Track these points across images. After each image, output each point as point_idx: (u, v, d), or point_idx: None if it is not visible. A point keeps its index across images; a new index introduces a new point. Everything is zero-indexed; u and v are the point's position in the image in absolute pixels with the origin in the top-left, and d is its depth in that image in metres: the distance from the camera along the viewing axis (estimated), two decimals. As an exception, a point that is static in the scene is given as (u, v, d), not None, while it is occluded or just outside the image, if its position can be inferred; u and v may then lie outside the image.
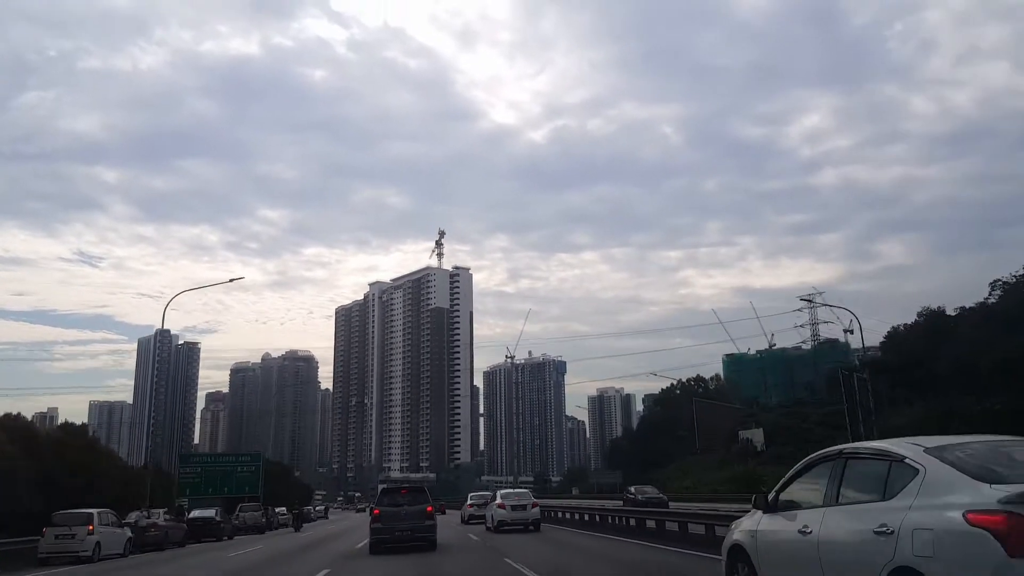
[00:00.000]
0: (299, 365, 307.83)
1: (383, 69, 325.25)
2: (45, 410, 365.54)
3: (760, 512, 7.08)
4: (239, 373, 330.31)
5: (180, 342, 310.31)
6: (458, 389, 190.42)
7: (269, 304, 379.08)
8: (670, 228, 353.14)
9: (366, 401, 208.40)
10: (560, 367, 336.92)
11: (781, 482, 6.99)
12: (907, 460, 5.26)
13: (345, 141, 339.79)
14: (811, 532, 5.91)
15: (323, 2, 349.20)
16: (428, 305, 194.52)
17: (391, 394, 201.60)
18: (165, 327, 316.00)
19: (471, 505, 36.45)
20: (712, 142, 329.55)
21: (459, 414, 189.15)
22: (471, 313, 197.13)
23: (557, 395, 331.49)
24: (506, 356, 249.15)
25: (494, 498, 28.90)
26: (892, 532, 4.91)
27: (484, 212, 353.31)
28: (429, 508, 18.85)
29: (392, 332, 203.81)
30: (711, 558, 12.09)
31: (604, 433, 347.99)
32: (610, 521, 25.90)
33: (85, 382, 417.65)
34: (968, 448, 5.23)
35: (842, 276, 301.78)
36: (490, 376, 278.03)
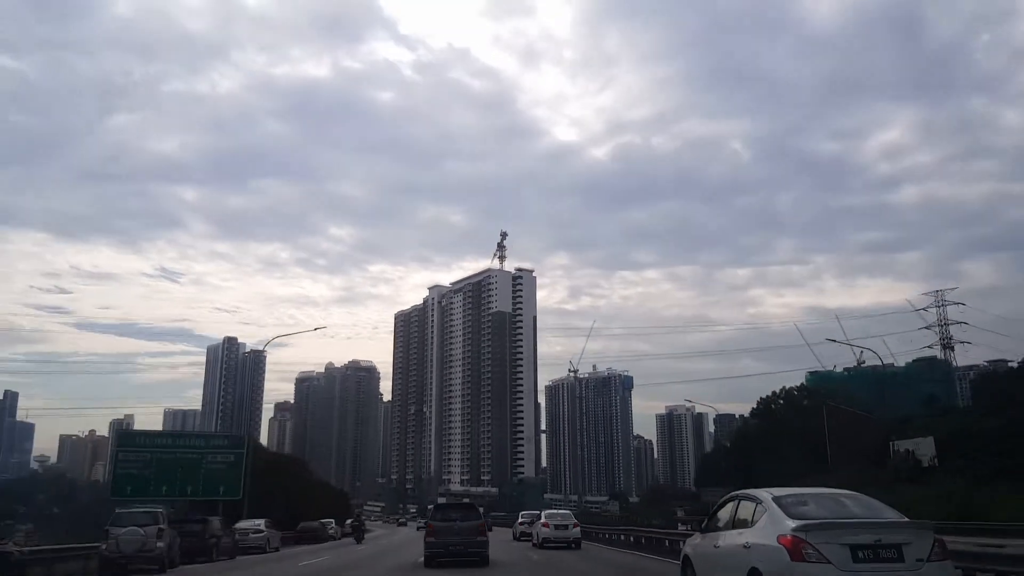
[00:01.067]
0: (361, 375, 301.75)
1: (447, 90, 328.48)
2: (122, 416, 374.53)
3: (699, 533, 10.42)
4: (304, 382, 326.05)
5: (247, 350, 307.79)
6: (521, 398, 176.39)
7: (336, 319, 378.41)
8: (739, 246, 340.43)
9: (425, 410, 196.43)
10: (627, 382, 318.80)
11: (710, 513, 10.25)
12: (762, 503, 8.36)
13: (410, 161, 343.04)
14: (718, 547, 9.03)
15: (391, 25, 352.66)
16: (489, 309, 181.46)
17: (450, 402, 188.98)
18: (231, 335, 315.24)
19: (521, 523, 38.42)
20: (784, 158, 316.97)
21: (522, 425, 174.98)
22: (534, 318, 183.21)
23: (623, 411, 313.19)
24: (569, 370, 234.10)
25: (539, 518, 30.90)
26: (749, 547, 7.98)
27: (545, 229, 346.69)
28: (481, 525, 19.18)
29: (452, 338, 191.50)
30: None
31: (674, 453, 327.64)
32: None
33: (166, 392, 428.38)
34: (797, 496, 8.39)
35: (923, 297, 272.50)
36: (552, 391, 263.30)
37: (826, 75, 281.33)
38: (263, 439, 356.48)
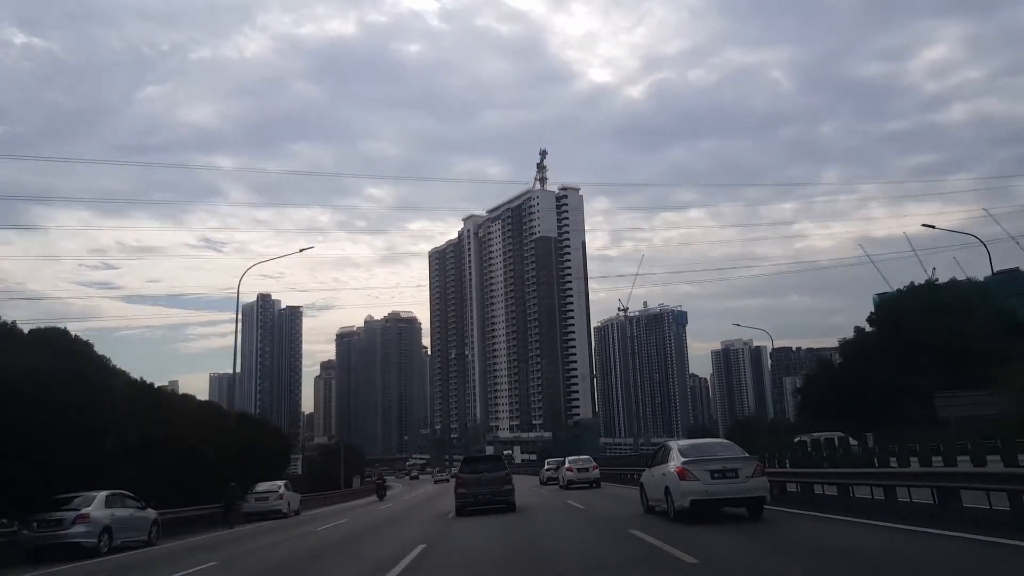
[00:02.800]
0: (402, 327, 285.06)
1: (476, 38, 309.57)
2: (167, 383, 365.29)
3: (647, 468, 15.67)
4: (344, 338, 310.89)
5: (283, 307, 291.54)
6: (572, 332, 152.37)
7: (380, 280, 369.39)
8: (783, 179, 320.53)
9: (467, 353, 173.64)
10: (680, 318, 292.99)
11: (652, 455, 16.72)
12: (672, 450, 13.72)
13: (442, 114, 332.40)
14: (653, 475, 14.42)
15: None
16: (532, 235, 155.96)
17: (494, 343, 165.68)
18: (265, 292, 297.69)
19: (547, 469, 42.94)
20: (827, 84, 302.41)
21: (575, 361, 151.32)
22: (583, 242, 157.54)
23: (678, 348, 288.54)
24: (618, 309, 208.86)
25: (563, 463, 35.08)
26: (665, 475, 13.17)
27: (583, 175, 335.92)
28: (507, 475, 19.78)
29: (492, 271, 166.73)
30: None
31: (731, 390, 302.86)
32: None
33: (217, 360, 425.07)
34: (689, 445, 13.81)
35: (975, 219, 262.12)
36: (601, 332, 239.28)
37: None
38: (307, 399, 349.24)
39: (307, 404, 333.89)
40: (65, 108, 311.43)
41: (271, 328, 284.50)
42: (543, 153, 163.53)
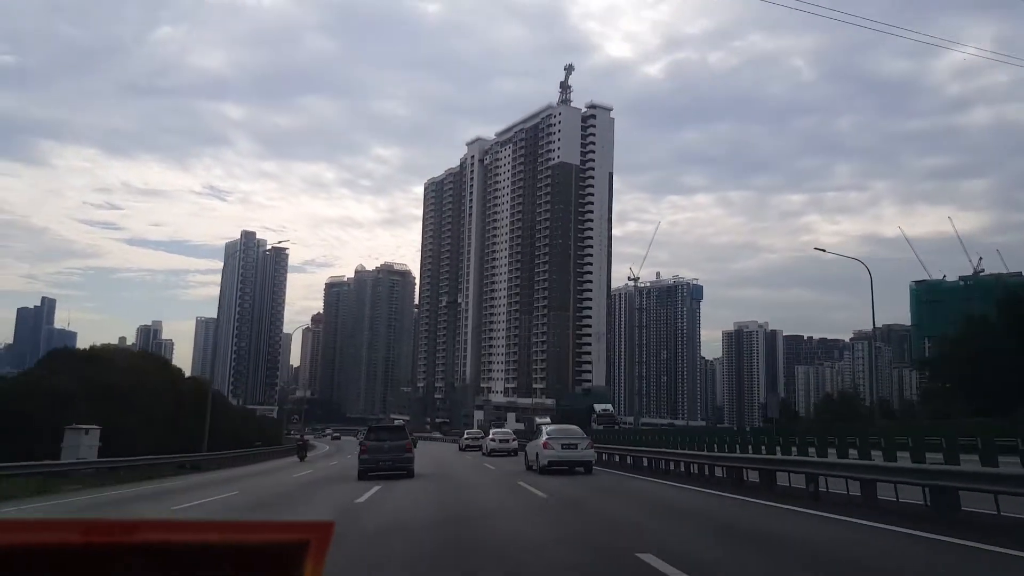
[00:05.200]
0: (394, 280, 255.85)
1: (495, 2, 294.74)
2: (149, 323, 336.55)
3: (528, 442, 23.76)
4: (333, 288, 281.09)
5: (267, 248, 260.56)
6: (589, 283, 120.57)
7: (381, 242, 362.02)
8: (795, 170, 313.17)
9: (460, 301, 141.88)
10: (695, 292, 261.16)
11: (533, 430, 32.55)
12: (543, 429, 22.99)
13: (455, 78, 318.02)
14: (531, 445, 22.20)
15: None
16: (548, 160, 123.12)
17: (493, 290, 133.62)
18: (250, 230, 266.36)
19: (465, 438, 44.23)
20: (849, 77, 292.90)
21: (588, 318, 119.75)
22: (610, 174, 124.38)
23: (691, 324, 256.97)
24: (628, 278, 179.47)
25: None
26: (537, 445, 20.86)
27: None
28: (408, 444, 20.17)
29: (496, 205, 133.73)
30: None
31: (742, 376, 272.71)
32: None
33: (209, 305, 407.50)
34: (555, 427, 23.44)
35: (988, 225, 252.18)
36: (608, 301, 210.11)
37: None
38: (293, 351, 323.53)
39: (295, 357, 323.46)
40: (77, 42, 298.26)
41: (253, 269, 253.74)
42: (569, 69, 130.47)
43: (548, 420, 56.68)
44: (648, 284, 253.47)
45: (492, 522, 9.76)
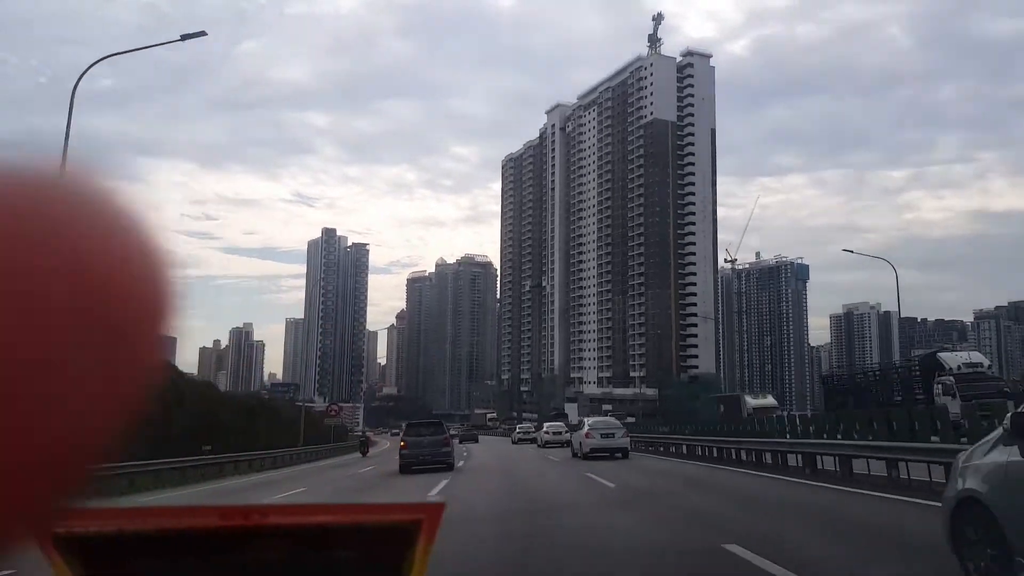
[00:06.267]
0: (475, 272, 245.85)
1: None
2: (240, 325, 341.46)
3: (573, 432, 26.59)
4: (415, 283, 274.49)
5: (348, 244, 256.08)
6: (692, 257, 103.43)
7: (464, 240, 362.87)
8: (894, 145, 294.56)
9: (545, 284, 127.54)
10: (801, 272, 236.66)
11: (575, 425, 28.21)
12: (584, 422, 25.54)
13: (533, 72, 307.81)
14: (575, 435, 24.88)
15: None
16: (640, 119, 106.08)
17: (581, 271, 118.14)
18: (331, 227, 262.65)
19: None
20: (949, 42, 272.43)
21: (693, 295, 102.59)
22: (712, 131, 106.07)
23: (797, 306, 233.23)
24: (725, 260, 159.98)
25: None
26: (580, 435, 23.49)
27: None
28: (446, 438, 20.53)
29: (582, 175, 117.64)
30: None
31: (852, 358, 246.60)
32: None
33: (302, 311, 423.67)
34: (595, 419, 26.92)
35: None
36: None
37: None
38: (380, 349, 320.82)
39: (382, 356, 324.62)
40: (169, 62, 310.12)
41: (336, 267, 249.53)
42: (658, 19, 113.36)
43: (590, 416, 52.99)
44: (747, 266, 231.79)
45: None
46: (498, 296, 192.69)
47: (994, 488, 4.06)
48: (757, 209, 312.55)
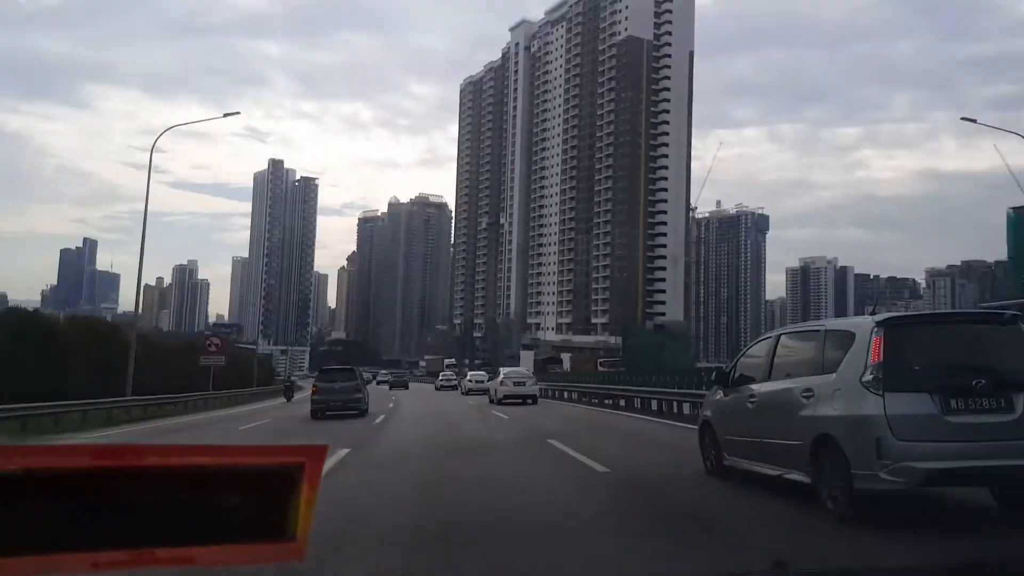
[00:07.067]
0: (430, 212, 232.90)
1: None
2: (184, 263, 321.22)
3: (489, 381, 30.58)
4: (367, 223, 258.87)
5: (297, 178, 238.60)
6: (664, 193, 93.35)
7: (421, 184, 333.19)
8: (849, 100, 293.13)
9: (503, 221, 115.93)
10: (761, 223, 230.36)
11: (498, 373, 29.00)
12: (501, 371, 27.79)
13: (495, 9, 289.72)
14: (492, 383, 28.07)
15: None
16: (613, 36, 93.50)
17: (542, 205, 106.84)
18: (278, 158, 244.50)
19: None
20: None
21: (663, 235, 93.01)
22: (691, 54, 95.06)
23: (755, 260, 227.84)
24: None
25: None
26: (495, 382, 27.10)
27: None
28: (356, 385, 20.26)
29: (546, 100, 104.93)
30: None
31: (809, 313, 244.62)
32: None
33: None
34: (509, 369, 28.70)
35: None
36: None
37: None
38: (331, 293, 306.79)
39: (333, 300, 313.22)
40: None
41: (283, 201, 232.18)
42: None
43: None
44: (707, 214, 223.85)
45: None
46: (452, 239, 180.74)
47: (714, 413, 7.23)
48: (714, 162, 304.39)
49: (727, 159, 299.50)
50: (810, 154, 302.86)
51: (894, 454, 4.50)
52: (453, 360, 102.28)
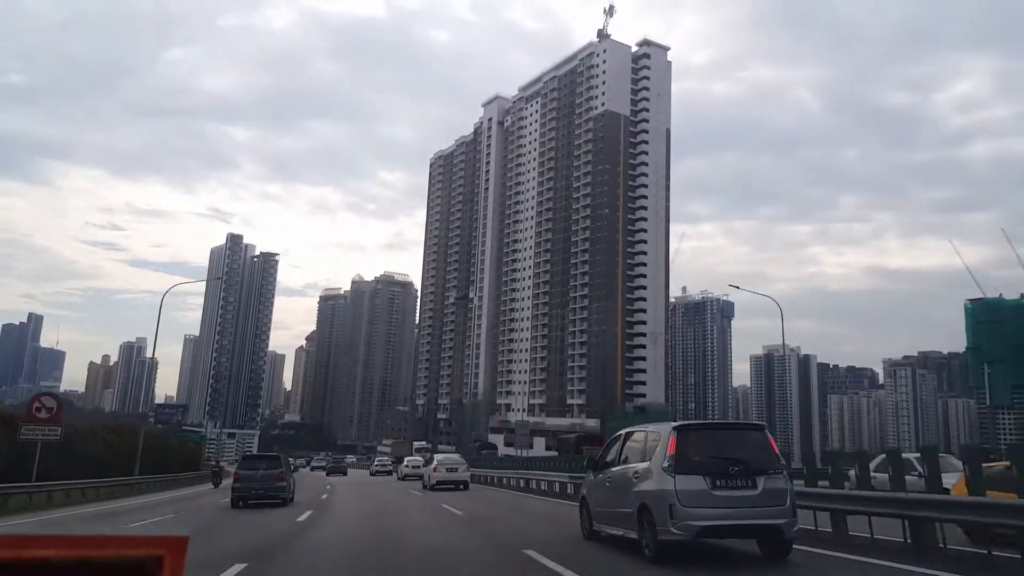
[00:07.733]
0: (394, 291, 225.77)
1: (503, 30, 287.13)
2: (133, 340, 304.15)
3: (428, 464, 30.69)
4: (328, 301, 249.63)
5: (255, 253, 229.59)
6: (643, 268, 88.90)
7: (385, 266, 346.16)
8: (801, 200, 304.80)
9: (471, 295, 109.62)
10: (726, 309, 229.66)
11: (431, 459, 31.62)
12: (435, 458, 30.46)
13: (463, 105, 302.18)
14: (425, 470, 30.85)
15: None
16: (590, 111, 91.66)
17: (514, 279, 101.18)
18: (237, 233, 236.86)
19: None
20: (852, 108, 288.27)
21: (642, 312, 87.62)
22: (668, 130, 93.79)
23: (722, 345, 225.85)
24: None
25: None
26: (427, 468, 29.60)
27: None
28: (281, 473, 19.14)
29: (520, 174, 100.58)
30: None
31: (773, 405, 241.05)
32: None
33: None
34: (442, 456, 31.29)
35: (993, 259, 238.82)
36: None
37: (900, 21, 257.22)
38: (287, 374, 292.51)
39: (289, 381, 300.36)
40: (87, 61, 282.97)
41: (238, 279, 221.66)
42: (609, 11, 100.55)
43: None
44: (674, 300, 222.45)
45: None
46: (418, 317, 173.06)
47: (588, 491, 9.63)
48: (675, 253, 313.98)
49: (685, 251, 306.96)
50: (764, 249, 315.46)
51: (680, 515, 6.84)
52: (425, 443, 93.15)
